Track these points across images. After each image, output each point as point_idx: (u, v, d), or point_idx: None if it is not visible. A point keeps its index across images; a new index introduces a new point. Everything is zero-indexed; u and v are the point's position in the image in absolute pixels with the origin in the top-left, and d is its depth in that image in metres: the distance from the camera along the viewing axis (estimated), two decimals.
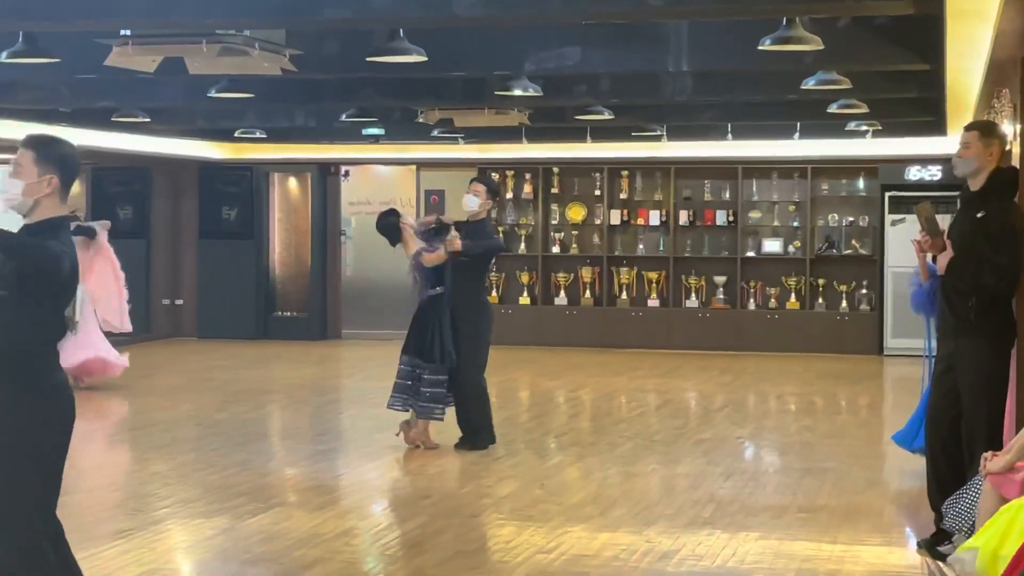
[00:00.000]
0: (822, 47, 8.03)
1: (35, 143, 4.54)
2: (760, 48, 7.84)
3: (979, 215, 6.25)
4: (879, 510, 7.49)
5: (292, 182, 18.02)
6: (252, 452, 9.16)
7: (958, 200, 6.50)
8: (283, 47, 8.36)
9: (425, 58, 8.17)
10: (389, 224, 9.76)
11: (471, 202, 9.63)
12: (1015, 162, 6.66)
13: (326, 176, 17.82)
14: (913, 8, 6.60)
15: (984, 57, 6.74)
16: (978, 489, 5.74)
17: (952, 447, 6.41)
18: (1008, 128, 6.90)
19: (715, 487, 8.01)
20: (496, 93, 10.84)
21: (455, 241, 9.29)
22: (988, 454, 5.55)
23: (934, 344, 7.04)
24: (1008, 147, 6.68)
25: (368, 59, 8.17)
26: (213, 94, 10.52)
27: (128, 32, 7.64)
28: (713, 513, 7.29)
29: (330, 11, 6.66)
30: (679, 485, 8.14)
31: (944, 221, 6.61)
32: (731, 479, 8.27)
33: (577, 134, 15.50)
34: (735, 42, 8.92)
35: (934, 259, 6.52)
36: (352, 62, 9.17)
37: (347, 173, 17.87)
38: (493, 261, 10.53)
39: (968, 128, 6.42)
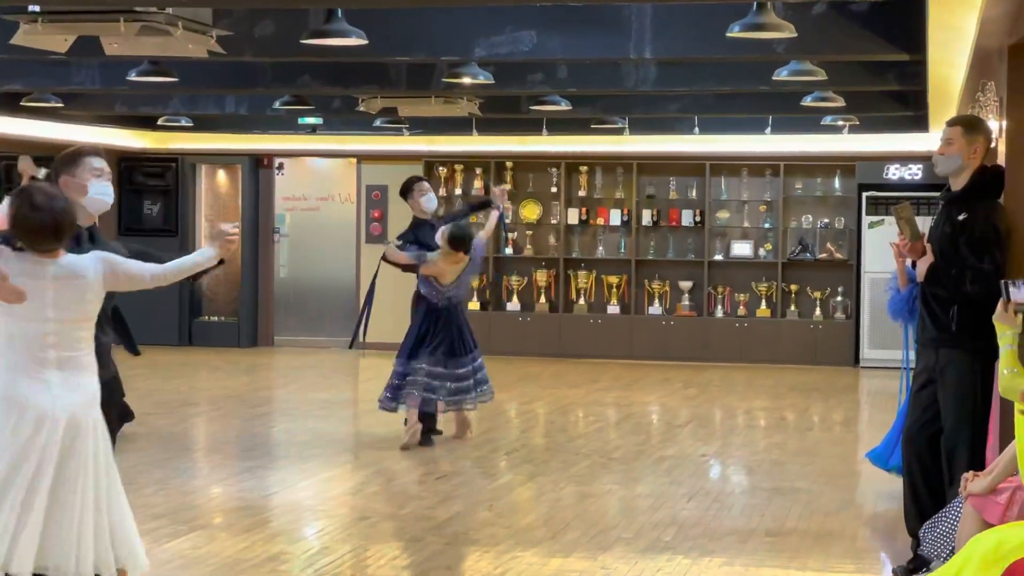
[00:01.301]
0: (795, 35, 8.08)
1: None
2: (729, 35, 7.88)
3: (961, 217, 6.28)
4: (852, 534, 7.52)
5: (221, 175, 17.91)
6: (172, 469, 9.08)
7: (939, 201, 6.53)
8: (210, 27, 8.29)
9: (365, 41, 8.13)
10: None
11: (431, 202, 10.50)
12: (1000, 160, 6.69)
13: (258, 169, 17.72)
14: None
15: (968, 47, 6.79)
16: (958, 512, 5.77)
17: (931, 467, 6.44)
18: (993, 124, 6.95)
19: (677, 509, 8.01)
20: (444, 80, 10.82)
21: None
22: (969, 474, 5.57)
23: (912, 355, 7.07)
24: (993, 144, 6.72)
25: (303, 42, 8.11)
26: (133, 78, 10.42)
27: (37, 8, 7.54)
28: (674, 537, 7.29)
29: None
30: (638, 506, 8.14)
31: (925, 223, 6.63)
32: (694, 500, 8.28)
33: (532, 126, 15.50)
34: (702, 28, 8.95)
35: (913, 264, 6.55)
36: (287, 45, 9.11)
37: (281, 166, 17.78)
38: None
39: (951, 123, 6.45)
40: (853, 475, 9.21)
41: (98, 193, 5.45)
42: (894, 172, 15.94)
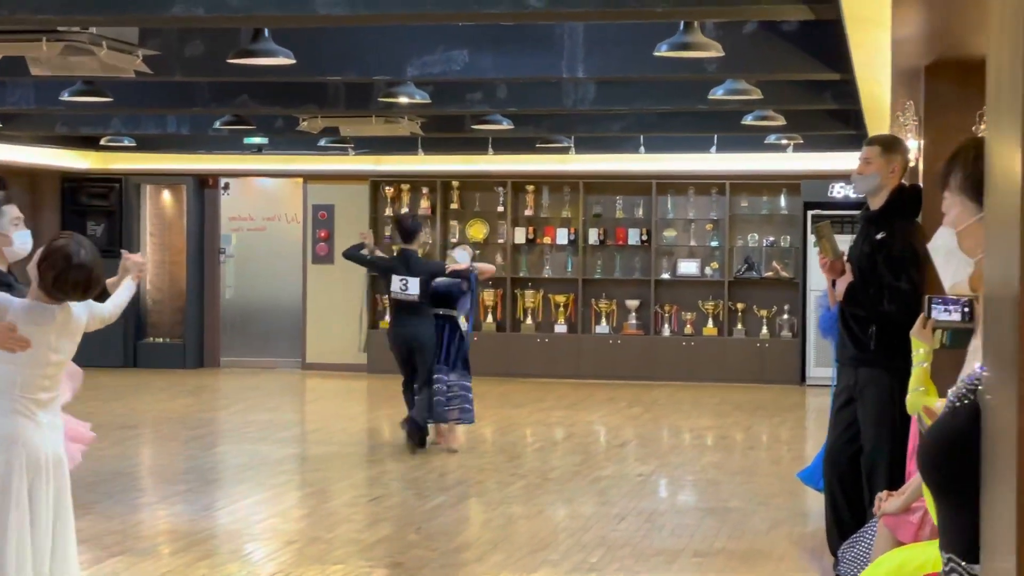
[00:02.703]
0: (723, 54, 8.10)
1: None
2: (656, 54, 7.89)
3: (879, 236, 6.30)
4: (781, 554, 7.51)
5: (166, 195, 17.81)
6: (101, 493, 8.98)
7: (858, 220, 6.55)
8: (136, 47, 8.24)
9: (293, 61, 8.10)
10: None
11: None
12: (919, 180, 6.72)
13: (204, 189, 17.63)
14: (812, 13, 6.66)
15: (888, 67, 6.82)
16: (875, 531, 5.76)
17: (852, 486, 6.45)
18: (913, 143, 6.98)
19: (607, 529, 7.99)
20: (380, 100, 10.79)
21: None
22: (883, 494, 5.57)
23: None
24: (912, 163, 6.75)
25: (229, 61, 8.07)
26: (66, 97, 10.35)
27: None
28: (601, 558, 7.26)
29: (179, 8, 6.56)
30: (568, 527, 8.11)
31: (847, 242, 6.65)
32: (625, 520, 8.26)
33: (478, 145, 15.50)
34: (633, 47, 8.96)
35: (834, 283, 6.56)
36: (218, 65, 9.07)
37: (227, 186, 17.70)
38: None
39: (869, 143, 6.48)
40: (787, 494, 9.21)
41: (21, 241, 5.82)
42: (839, 191, 16.00)
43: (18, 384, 5.16)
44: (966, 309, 4.45)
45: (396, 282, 10.91)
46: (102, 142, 15.48)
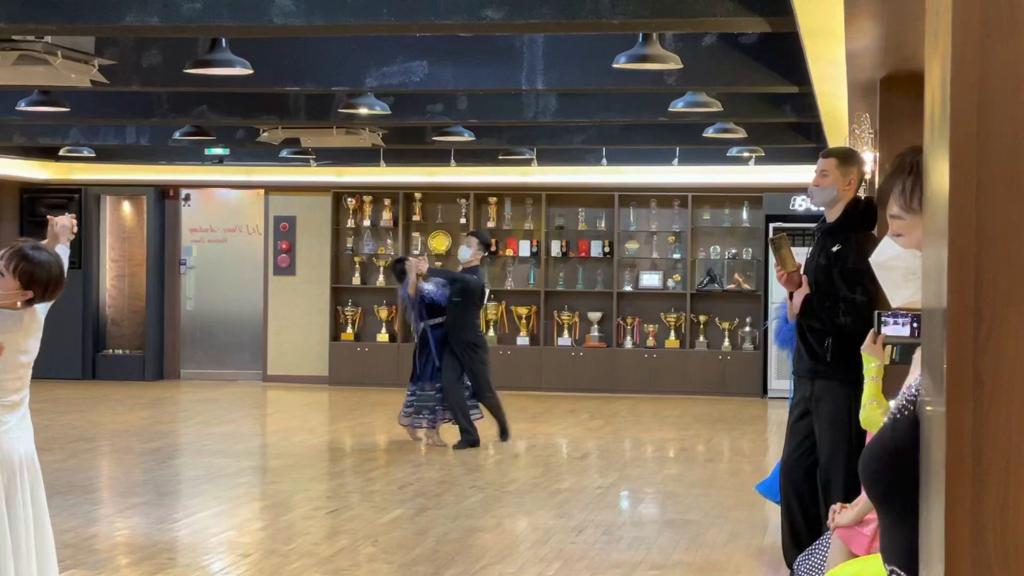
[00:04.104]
0: (681, 66, 8.13)
1: None
2: (615, 66, 7.92)
3: (835, 249, 6.33)
4: (738, 566, 7.52)
5: (126, 206, 17.72)
6: (56, 506, 8.77)
7: (814, 232, 6.57)
8: (92, 56, 8.21)
9: (251, 71, 8.09)
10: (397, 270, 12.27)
11: (464, 252, 12.25)
12: (875, 193, 6.75)
13: (164, 200, 17.56)
14: (768, 25, 6.69)
15: (844, 79, 6.86)
16: (829, 544, 5.78)
17: (808, 498, 6.46)
18: (868, 155, 7.02)
19: (564, 542, 7.98)
20: (341, 111, 10.78)
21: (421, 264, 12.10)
22: (837, 506, 5.58)
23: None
24: (868, 176, 6.78)
25: (186, 71, 8.05)
26: (22, 107, 10.29)
27: None
28: (558, 571, 7.25)
29: (133, 17, 6.54)
30: (525, 540, 8.09)
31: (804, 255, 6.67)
32: (583, 533, 8.25)
33: (440, 157, 15.50)
34: (593, 59, 8.99)
35: (791, 296, 6.58)
36: (175, 74, 9.04)
37: (188, 197, 17.63)
38: (484, 299, 12.70)
39: (825, 155, 6.51)
40: (745, 507, 9.22)
41: None
42: (800, 203, 16.07)
43: None
44: (915, 324, 4.48)
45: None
46: (61, 152, 15.41)
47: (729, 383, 16.19)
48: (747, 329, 16.48)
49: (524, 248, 16.94)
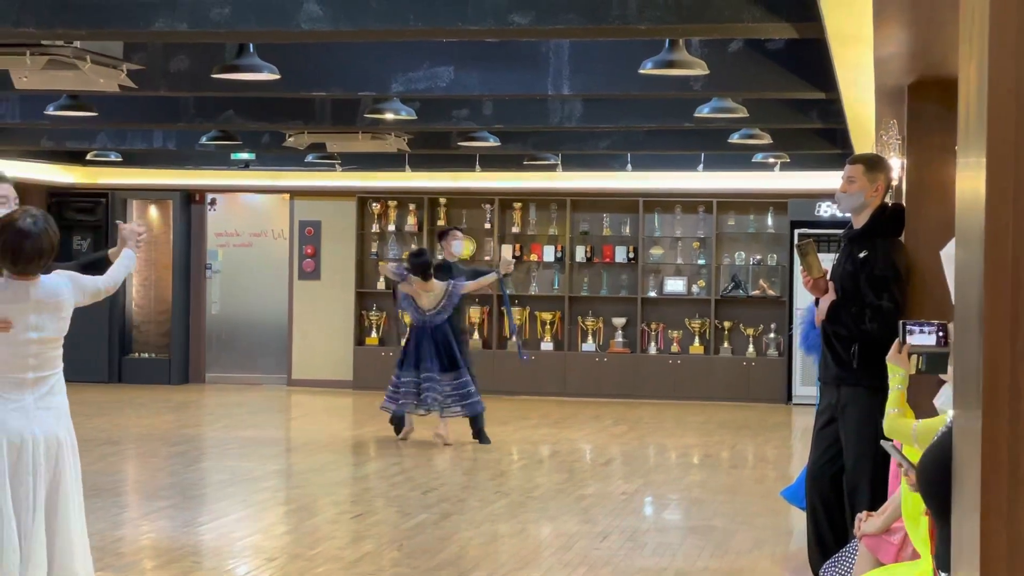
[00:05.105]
0: (708, 72, 8.12)
1: None
2: (641, 72, 7.91)
3: (862, 255, 6.30)
4: (763, 573, 7.50)
5: (152, 210, 17.78)
6: None
7: (841, 238, 6.55)
8: (120, 61, 8.24)
9: (278, 76, 8.11)
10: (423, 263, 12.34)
11: (457, 247, 12.91)
12: (902, 199, 6.73)
13: (190, 204, 17.61)
14: (795, 31, 6.67)
15: (872, 85, 6.83)
16: (856, 551, 5.75)
17: (834, 504, 6.44)
18: (896, 162, 6.99)
19: (589, 548, 7.97)
20: (367, 116, 10.80)
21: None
22: (863, 514, 5.56)
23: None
24: (895, 182, 6.76)
25: (213, 76, 8.07)
26: (51, 112, 10.33)
27: None
28: None
29: (161, 23, 6.56)
30: (550, 546, 8.08)
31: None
32: (608, 539, 8.24)
33: (465, 162, 15.51)
34: (618, 65, 8.98)
35: (817, 302, 6.56)
36: (203, 79, 9.07)
37: (214, 201, 17.68)
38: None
39: (852, 161, 6.49)
40: (770, 513, 9.19)
41: None
42: (825, 209, 16.03)
43: None
44: (941, 333, 4.45)
45: None
46: (88, 157, 15.47)
47: (753, 389, 16.14)
48: (772, 335, 16.43)
49: (548, 253, 16.92)
